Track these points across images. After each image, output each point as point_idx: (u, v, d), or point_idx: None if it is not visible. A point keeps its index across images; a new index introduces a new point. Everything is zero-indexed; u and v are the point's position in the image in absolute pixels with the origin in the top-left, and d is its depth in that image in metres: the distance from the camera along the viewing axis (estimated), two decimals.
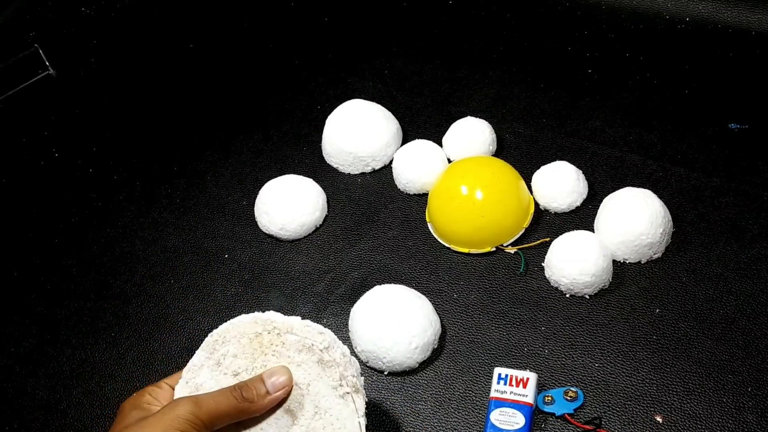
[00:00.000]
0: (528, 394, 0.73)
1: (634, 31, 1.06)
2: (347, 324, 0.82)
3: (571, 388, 0.74)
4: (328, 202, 0.94)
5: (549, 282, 0.83)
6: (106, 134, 1.08)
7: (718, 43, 1.02)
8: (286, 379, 0.61)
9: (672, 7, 1.05)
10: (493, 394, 0.74)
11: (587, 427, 0.72)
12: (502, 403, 0.73)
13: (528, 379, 0.74)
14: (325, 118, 0.99)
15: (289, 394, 0.61)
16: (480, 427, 0.74)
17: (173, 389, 0.63)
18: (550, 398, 0.73)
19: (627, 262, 0.83)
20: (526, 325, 0.80)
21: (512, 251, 0.86)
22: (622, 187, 0.85)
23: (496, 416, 0.72)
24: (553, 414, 0.73)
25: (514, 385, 0.73)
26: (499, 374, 0.74)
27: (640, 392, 0.74)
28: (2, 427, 0.82)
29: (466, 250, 0.87)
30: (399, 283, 0.82)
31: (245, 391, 0.60)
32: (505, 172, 0.88)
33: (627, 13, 1.07)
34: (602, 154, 0.93)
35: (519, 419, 0.72)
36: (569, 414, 0.73)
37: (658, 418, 0.72)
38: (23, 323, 0.90)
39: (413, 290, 0.81)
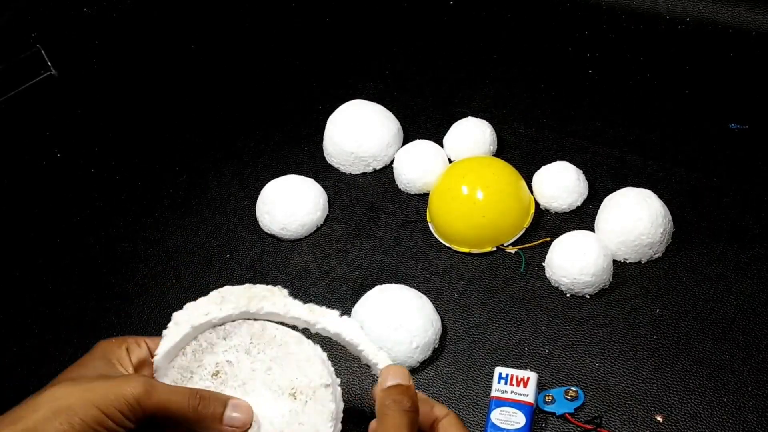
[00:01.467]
0: (528, 394, 0.73)
1: (635, 31, 1.06)
2: None
3: (572, 388, 0.74)
4: (329, 202, 0.94)
5: (549, 282, 0.83)
6: (108, 134, 1.08)
7: (718, 44, 1.02)
8: (245, 419, 0.58)
9: (672, 8, 1.05)
10: (493, 393, 0.74)
11: (588, 426, 0.72)
12: (502, 402, 0.73)
13: (528, 378, 0.74)
14: (326, 118, 0.99)
15: None
16: (481, 427, 0.74)
17: (151, 354, 0.60)
18: (550, 398, 0.74)
19: (627, 261, 0.83)
20: (527, 325, 0.80)
21: (513, 251, 0.86)
22: (622, 187, 0.85)
23: (497, 416, 0.72)
24: (553, 413, 0.73)
25: (514, 385, 0.73)
26: (500, 374, 0.75)
27: (641, 392, 0.74)
28: None
29: (466, 250, 0.87)
30: (400, 283, 0.83)
31: (203, 405, 0.57)
32: (505, 172, 0.88)
33: (627, 13, 1.07)
34: (603, 154, 0.93)
35: (519, 418, 0.72)
36: (570, 413, 0.73)
37: (659, 418, 0.72)
38: (25, 323, 0.90)
39: (414, 290, 0.81)
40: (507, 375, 0.74)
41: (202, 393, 0.58)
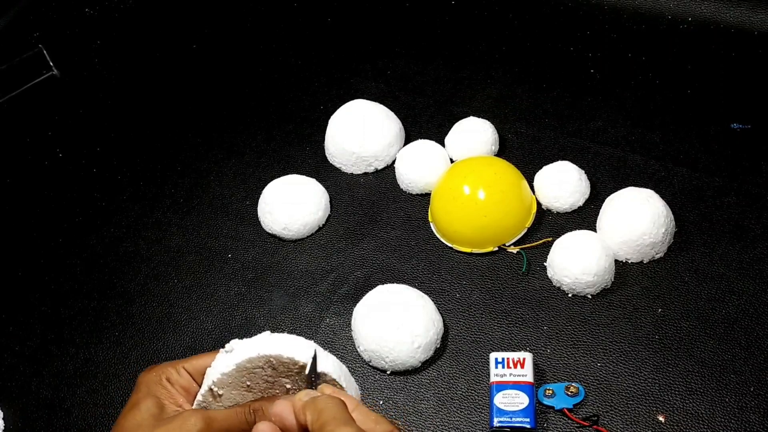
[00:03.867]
0: (527, 374, 0.74)
1: (637, 31, 1.06)
2: (350, 323, 0.82)
3: (573, 384, 0.74)
4: (330, 201, 0.94)
5: (551, 282, 0.83)
6: (110, 134, 1.08)
7: (720, 44, 1.02)
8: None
9: (674, 8, 1.05)
10: (493, 378, 0.74)
11: (584, 423, 0.72)
12: (503, 386, 0.74)
13: (524, 359, 0.75)
14: (328, 118, 0.99)
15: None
16: (483, 427, 0.74)
17: (192, 377, 0.62)
18: (551, 391, 0.74)
19: (629, 261, 0.83)
20: (529, 325, 0.80)
21: (515, 251, 0.86)
22: (624, 187, 0.85)
23: (500, 399, 0.73)
24: (552, 407, 0.73)
25: (512, 367, 0.74)
26: (496, 359, 0.75)
27: (643, 392, 0.74)
28: (7, 425, 0.82)
29: (468, 250, 0.87)
30: (402, 283, 0.83)
31: (259, 418, 0.58)
32: (507, 171, 0.88)
33: (629, 13, 1.07)
34: (604, 153, 0.93)
35: (523, 399, 0.72)
36: (568, 409, 0.73)
37: (661, 418, 0.72)
38: (27, 323, 0.90)
39: (416, 290, 0.81)
40: (504, 359, 0.75)
41: (254, 406, 0.59)
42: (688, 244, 0.84)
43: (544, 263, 0.84)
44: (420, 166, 0.92)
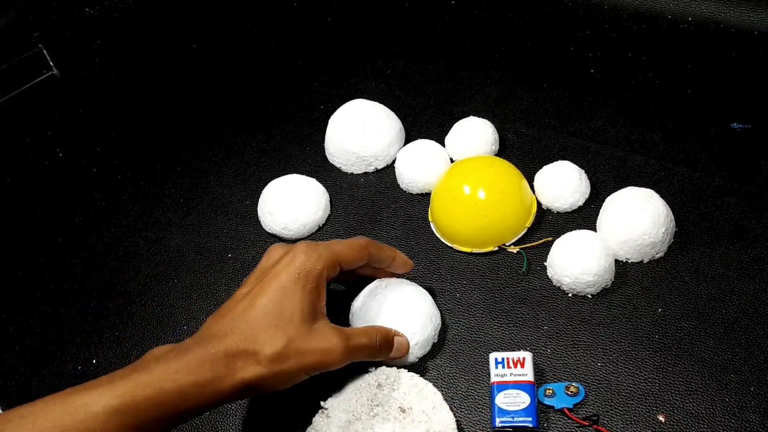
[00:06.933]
0: (527, 373, 0.74)
1: (637, 31, 1.06)
2: (348, 320, 0.82)
3: (573, 384, 0.74)
4: (330, 201, 0.94)
5: (551, 281, 0.83)
6: (110, 134, 1.08)
7: (720, 43, 1.02)
8: (406, 346, 0.76)
9: (674, 7, 1.05)
10: (493, 378, 0.74)
11: (585, 422, 0.72)
12: (504, 386, 0.73)
13: (524, 358, 0.75)
14: (328, 117, 0.99)
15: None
16: (483, 427, 0.74)
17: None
18: (551, 391, 0.74)
19: (629, 261, 0.83)
20: (529, 325, 0.80)
21: (515, 251, 0.86)
22: (624, 187, 0.85)
23: (502, 399, 0.73)
24: (552, 407, 0.73)
25: (512, 367, 0.74)
26: (496, 359, 0.75)
27: (643, 391, 0.74)
28: None
29: (468, 250, 0.87)
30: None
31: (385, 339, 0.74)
32: (507, 171, 0.88)
33: (629, 12, 1.07)
34: (605, 153, 0.93)
35: (524, 398, 0.72)
36: (568, 408, 0.73)
37: (661, 418, 0.72)
38: (27, 322, 0.90)
39: (413, 284, 0.81)
40: (503, 359, 0.75)
41: (382, 333, 0.74)
42: (689, 244, 0.84)
43: (544, 263, 0.84)
44: (420, 165, 0.92)
